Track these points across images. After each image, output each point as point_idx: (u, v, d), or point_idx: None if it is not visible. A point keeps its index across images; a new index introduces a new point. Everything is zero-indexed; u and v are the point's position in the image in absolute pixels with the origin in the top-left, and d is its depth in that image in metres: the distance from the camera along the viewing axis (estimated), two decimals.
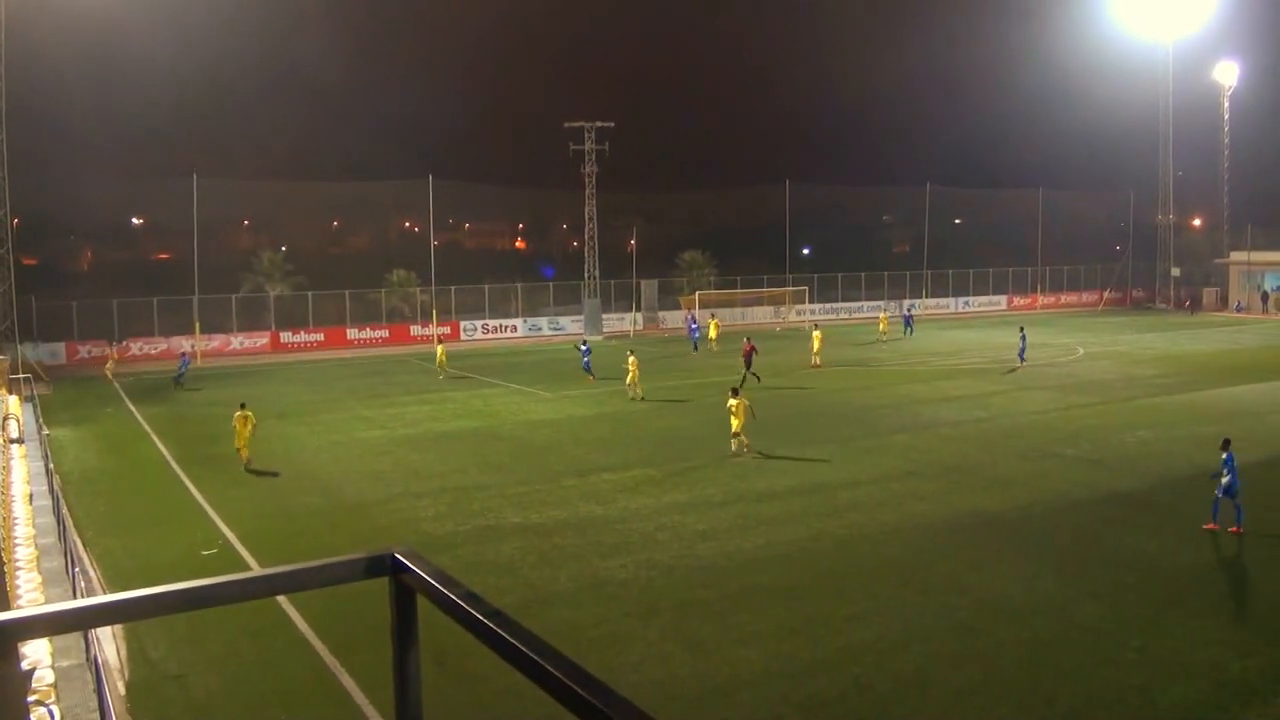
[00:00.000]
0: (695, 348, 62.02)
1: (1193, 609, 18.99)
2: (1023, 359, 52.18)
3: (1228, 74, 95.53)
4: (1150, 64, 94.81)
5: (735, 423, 31.94)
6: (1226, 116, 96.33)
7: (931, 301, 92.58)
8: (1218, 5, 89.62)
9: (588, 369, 48.98)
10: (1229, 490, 23.48)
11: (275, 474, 31.46)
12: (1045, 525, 24.50)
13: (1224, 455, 23.75)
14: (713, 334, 63.06)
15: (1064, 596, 19.64)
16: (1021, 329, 55.31)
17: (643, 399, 42.64)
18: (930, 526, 24.37)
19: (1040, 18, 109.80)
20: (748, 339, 50.67)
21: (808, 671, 16.38)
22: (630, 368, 43.60)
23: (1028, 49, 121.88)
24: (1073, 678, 16.10)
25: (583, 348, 50.93)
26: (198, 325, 64.50)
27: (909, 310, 76.79)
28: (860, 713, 15.22)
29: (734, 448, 31.92)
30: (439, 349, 54.02)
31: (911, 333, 69.26)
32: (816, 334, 54.70)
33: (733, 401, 32.32)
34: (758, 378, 45.84)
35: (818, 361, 52.95)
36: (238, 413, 32.37)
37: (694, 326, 65.20)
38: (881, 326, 69.40)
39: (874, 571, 21.27)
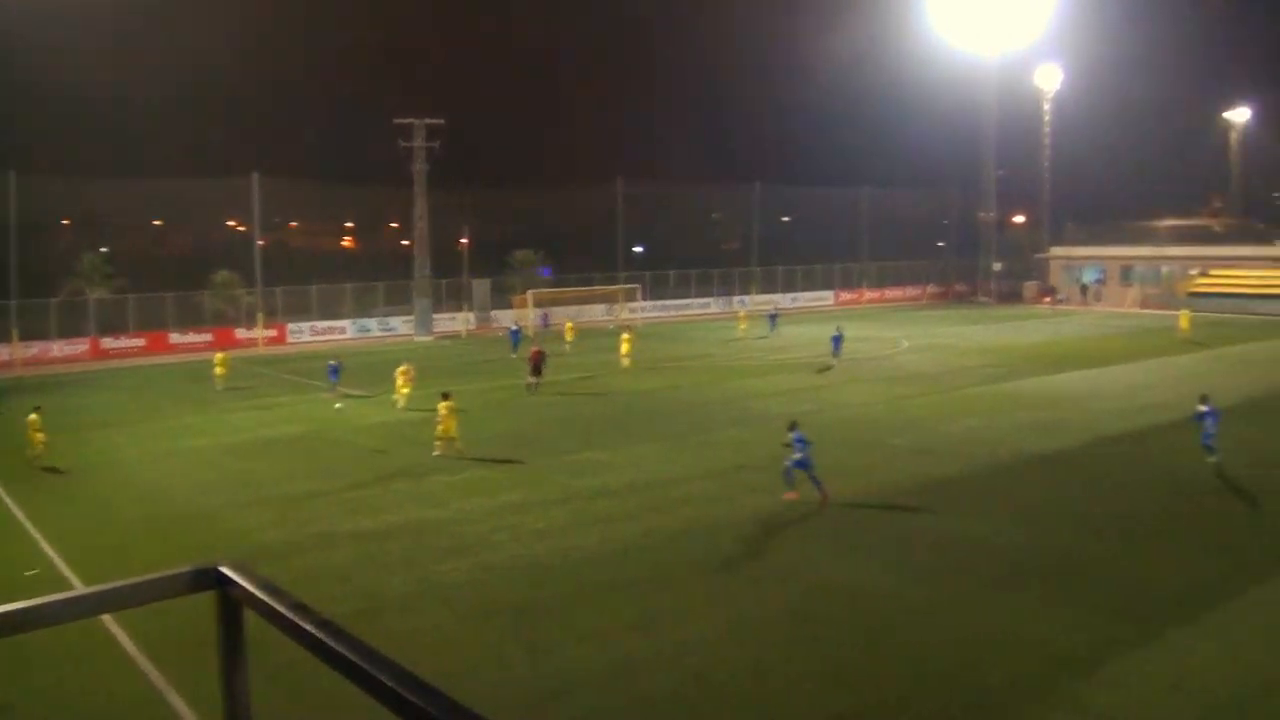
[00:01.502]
0: (514, 350, 59.50)
1: (1020, 587, 19.72)
2: (836, 356, 52.57)
3: (1049, 78, 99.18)
4: (975, 68, 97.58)
5: (441, 427, 32.12)
6: (1047, 119, 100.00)
7: (761, 297, 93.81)
8: (1043, 15, 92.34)
9: (334, 382, 45.79)
10: (803, 464, 25.73)
11: (63, 471, 32.02)
12: (876, 514, 25.10)
13: (792, 435, 25.99)
14: (569, 336, 62.72)
15: (895, 581, 20.19)
16: (838, 327, 55.29)
17: (405, 409, 40.50)
18: (762, 518, 24.76)
19: (869, 22, 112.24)
20: (537, 345, 49.61)
21: (646, 667, 16.51)
22: (398, 377, 41.49)
23: (856, 52, 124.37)
24: (905, 659, 16.57)
25: (332, 363, 47.19)
26: (15, 332, 62.01)
27: (774, 308, 76.34)
28: (698, 705, 15.39)
29: (438, 450, 32.13)
30: (217, 357, 50.48)
31: (776, 330, 68.26)
32: (625, 336, 53.96)
33: (442, 405, 32.36)
34: (531, 385, 44.79)
35: (627, 364, 52.01)
36: (30, 415, 33.43)
37: (515, 330, 63.52)
38: (741, 325, 68.99)
39: (709, 564, 21.54)
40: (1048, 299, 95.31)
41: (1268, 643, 17.11)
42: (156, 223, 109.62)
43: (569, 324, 64.25)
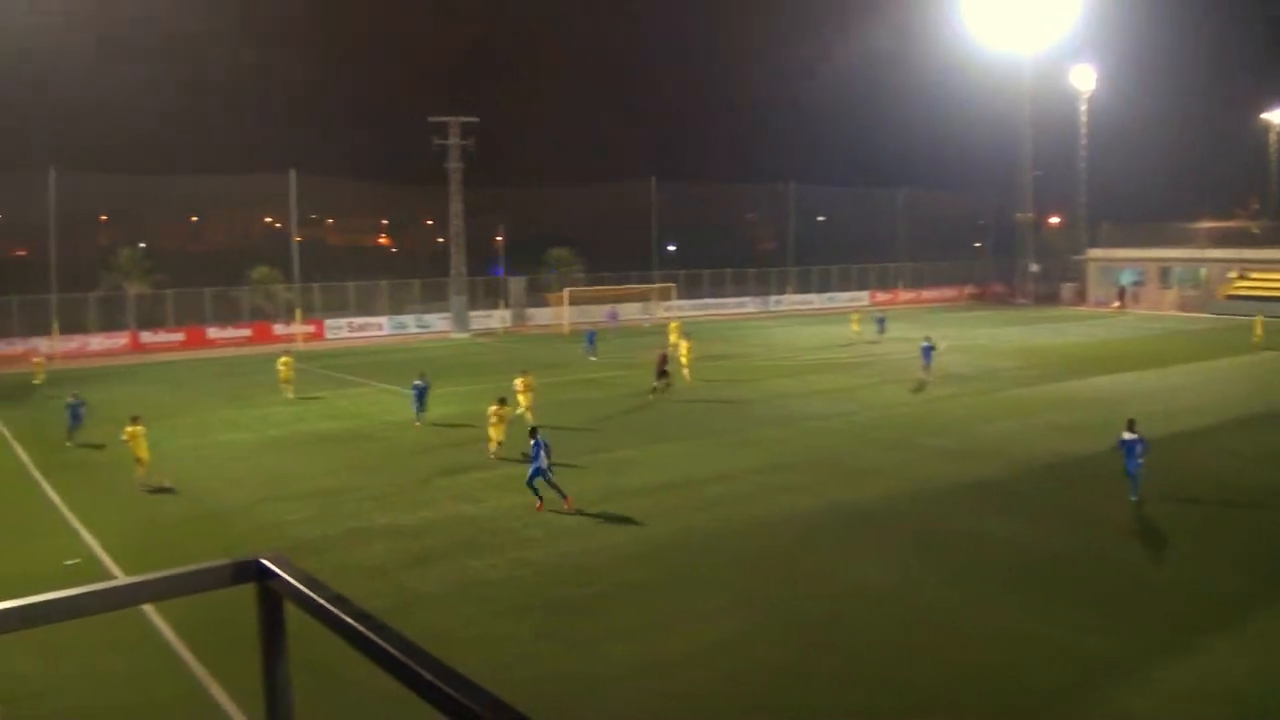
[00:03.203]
0: (591, 350, 57.34)
1: (1053, 591, 19.57)
2: (928, 366, 47.50)
3: (1084, 78, 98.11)
4: (1010, 68, 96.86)
5: (494, 432, 31.80)
6: (1084, 119, 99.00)
7: (797, 298, 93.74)
8: (1077, 15, 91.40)
9: (419, 408, 38.07)
10: (540, 473, 25.64)
11: (173, 490, 28.80)
12: (909, 514, 25.00)
13: (532, 442, 26.04)
14: (674, 337, 54.53)
15: (927, 582, 20.09)
16: (928, 337, 49.51)
17: (524, 415, 36.03)
18: (797, 518, 24.71)
19: (903, 25, 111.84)
20: (663, 349, 46.03)
21: (679, 665, 16.50)
22: (519, 388, 37.04)
23: (892, 55, 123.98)
24: (938, 661, 16.48)
25: (418, 384, 38.40)
26: (56, 325, 62.64)
27: (883, 314, 71.45)
28: (731, 705, 15.37)
29: (491, 451, 31.85)
30: (282, 360, 45.47)
31: (883, 331, 64.86)
32: (685, 345, 49.01)
33: (493, 408, 32.06)
34: (657, 389, 42.83)
35: (687, 375, 46.95)
36: (129, 427, 29.70)
37: (592, 330, 60.38)
38: (855, 327, 65.77)
39: (742, 564, 21.52)
40: (1118, 303, 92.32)
41: None
42: (194, 219, 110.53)
43: (674, 324, 58.20)
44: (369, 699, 14.22)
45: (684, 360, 47.50)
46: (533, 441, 25.96)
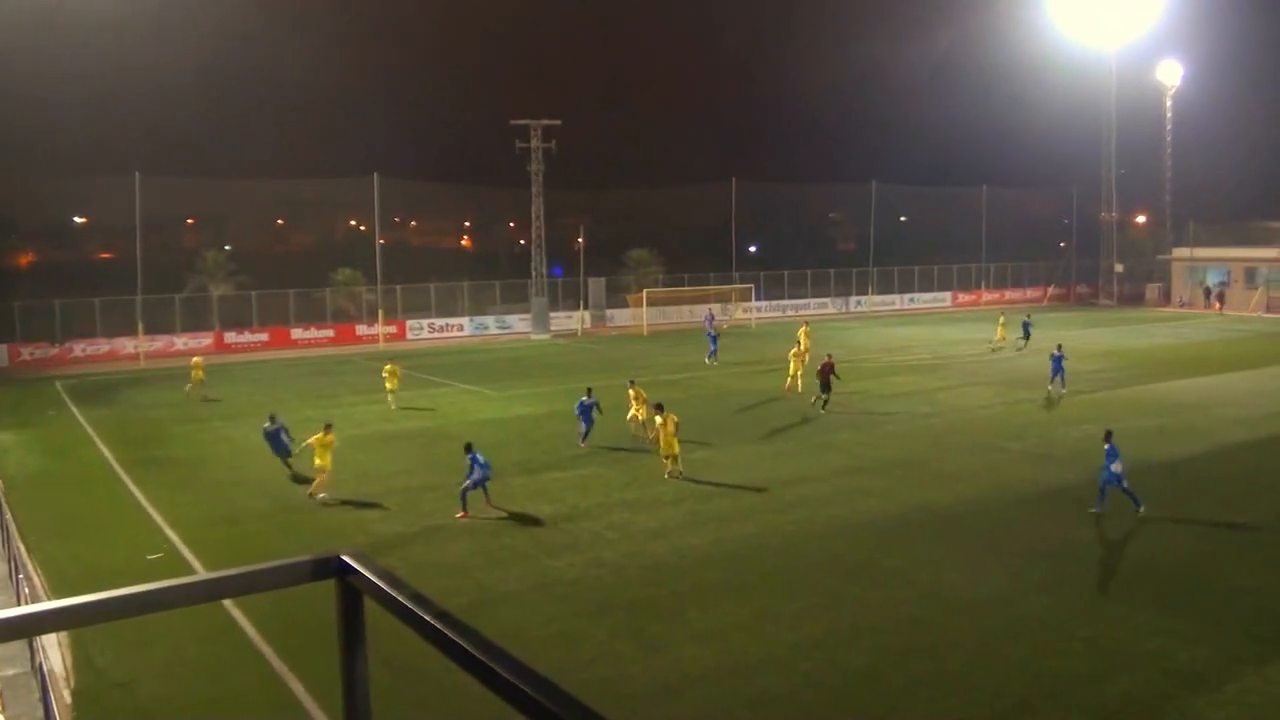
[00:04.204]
0: (712, 355, 54.81)
1: (1139, 599, 19.24)
2: (1060, 382, 42.91)
3: (1171, 74, 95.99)
4: (1094, 63, 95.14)
5: (665, 444, 29.03)
6: (1169, 116, 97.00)
7: (878, 299, 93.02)
8: (1162, 8, 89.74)
9: (586, 427, 33.77)
10: (479, 484, 25.77)
11: (378, 505, 27.50)
12: (991, 519, 24.71)
13: (469, 457, 25.91)
14: (804, 342, 48.80)
15: (1011, 589, 19.84)
16: (1059, 347, 44.25)
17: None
18: (877, 522, 24.53)
19: (985, 20, 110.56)
20: (828, 355, 42.51)
21: (759, 668, 16.44)
22: (633, 403, 34.40)
23: (973, 50, 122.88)
24: (1020, 669, 16.28)
25: (586, 399, 34.09)
26: (141, 326, 63.73)
27: (1027, 317, 64.33)
28: (811, 708, 15.29)
29: (669, 469, 29.17)
30: (387, 368, 43.83)
31: (1028, 340, 58.64)
32: (794, 352, 45.53)
33: (658, 418, 29.77)
34: (820, 401, 39.54)
35: (796, 385, 43.86)
36: (326, 436, 28.28)
37: (714, 335, 56.63)
38: (999, 334, 60.60)
39: (823, 567, 21.39)
40: (1218, 305, 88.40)
41: None
42: (279, 221, 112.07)
43: (804, 328, 53.52)
44: (446, 695, 14.39)
45: (791, 366, 44.96)
46: (469, 457, 25.88)
